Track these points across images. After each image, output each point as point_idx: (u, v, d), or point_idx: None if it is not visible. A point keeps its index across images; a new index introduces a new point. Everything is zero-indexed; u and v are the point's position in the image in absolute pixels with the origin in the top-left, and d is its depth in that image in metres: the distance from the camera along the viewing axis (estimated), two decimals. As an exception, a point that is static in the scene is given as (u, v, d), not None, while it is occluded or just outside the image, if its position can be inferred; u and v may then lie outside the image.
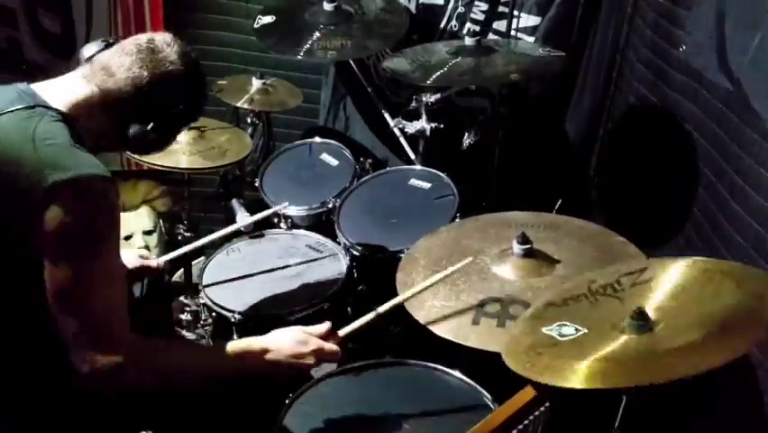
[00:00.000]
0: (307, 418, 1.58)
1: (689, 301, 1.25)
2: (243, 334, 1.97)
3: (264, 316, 1.98)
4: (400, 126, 2.60)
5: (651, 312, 1.24)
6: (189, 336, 2.27)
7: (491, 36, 2.71)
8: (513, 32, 2.66)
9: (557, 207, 2.23)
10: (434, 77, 2.24)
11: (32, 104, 1.46)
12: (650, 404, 1.32)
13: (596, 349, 1.20)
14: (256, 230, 2.37)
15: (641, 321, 1.21)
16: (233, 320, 1.96)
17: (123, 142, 1.59)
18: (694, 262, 1.34)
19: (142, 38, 1.60)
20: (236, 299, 2.02)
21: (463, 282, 1.67)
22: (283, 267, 2.14)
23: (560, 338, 1.28)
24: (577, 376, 1.15)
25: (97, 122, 1.54)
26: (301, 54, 2.54)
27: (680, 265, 1.35)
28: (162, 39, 1.61)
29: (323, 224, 2.35)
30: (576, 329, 1.29)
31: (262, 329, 1.97)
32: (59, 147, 1.40)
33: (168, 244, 3.18)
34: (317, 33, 2.58)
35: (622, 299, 1.34)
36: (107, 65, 1.56)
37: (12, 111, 1.45)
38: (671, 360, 1.13)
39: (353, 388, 1.66)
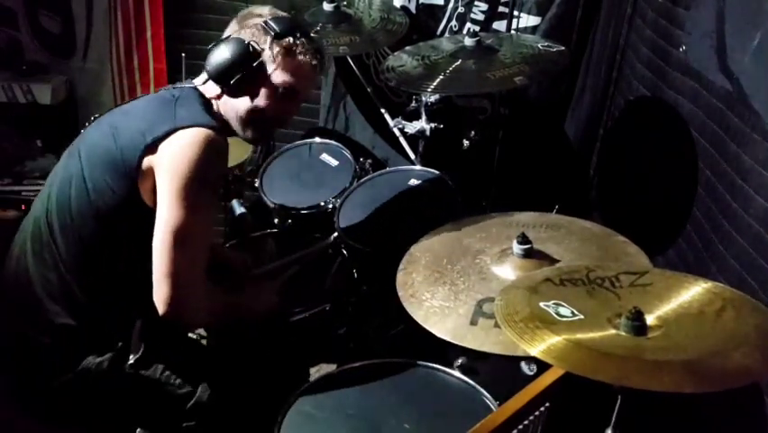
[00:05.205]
0: (307, 418, 1.58)
1: (687, 320, 1.26)
2: (243, 334, 1.97)
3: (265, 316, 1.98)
4: (400, 126, 2.60)
5: (647, 318, 1.24)
6: (190, 334, 2.27)
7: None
8: (513, 33, 2.66)
9: (554, 211, 2.23)
10: (436, 82, 2.24)
11: (177, 85, 1.75)
12: (646, 403, 1.32)
13: (588, 337, 1.22)
14: (257, 230, 2.38)
15: (637, 322, 1.22)
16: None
17: (236, 118, 1.72)
18: (697, 282, 1.35)
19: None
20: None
21: (463, 282, 1.67)
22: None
23: (557, 317, 1.29)
24: (564, 358, 1.17)
25: (215, 97, 1.72)
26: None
27: (683, 282, 1.36)
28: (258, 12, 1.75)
29: (323, 224, 2.35)
30: (573, 313, 1.30)
31: (263, 330, 1.98)
32: (192, 108, 1.64)
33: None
34: (322, 31, 2.58)
35: (619, 296, 1.35)
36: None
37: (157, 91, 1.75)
38: (656, 371, 1.14)
39: (353, 388, 1.66)
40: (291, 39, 1.68)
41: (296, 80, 1.72)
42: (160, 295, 1.56)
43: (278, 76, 1.69)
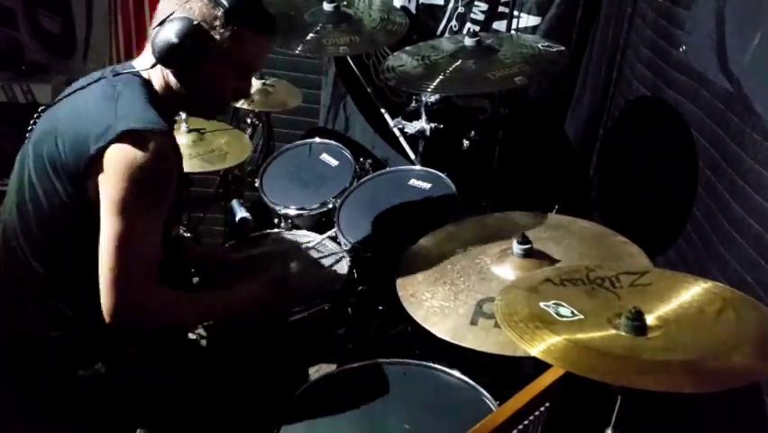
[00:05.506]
0: (307, 418, 1.58)
1: (687, 320, 1.26)
2: (242, 334, 1.97)
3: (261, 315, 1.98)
4: (400, 126, 2.60)
5: (647, 318, 1.24)
6: (190, 335, 2.27)
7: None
8: (513, 33, 2.66)
9: (554, 211, 2.23)
10: (436, 82, 2.24)
11: (119, 71, 1.61)
12: (646, 403, 1.32)
13: (588, 337, 1.22)
14: (257, 230, 2.38)
15: (637, 322, 1.22)
16: (232, 320, 1.96)
17: (189, 98, 1.63)
18: (697, 282, 1.35)
19: None
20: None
21: (463, 282, 1.67)
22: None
23: (557, 317, 1.29)
24: (564, 358, 1.18)
25: (162, 78, 1.61)
26: (307, 50, 2.54)
27: (683, 282, 1.36)
28: None
29: (323, 224, 2.35)
30: (573, 313, 1.30)
31: (262, 329, 1.98)
32: (135, 104, 1.53)
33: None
34: (322, 31, 2.58)
35: (619, 296, 1.35)
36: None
37: (100, 79, 1.61)
38: (656, 371, 1.14)
39: (353, 388, 1.66)
40: (243, 14, 1.55)
41: (250, 58, 1.62)
42: (103, 304, 1.49)
43: (232, 56, 1.56)
